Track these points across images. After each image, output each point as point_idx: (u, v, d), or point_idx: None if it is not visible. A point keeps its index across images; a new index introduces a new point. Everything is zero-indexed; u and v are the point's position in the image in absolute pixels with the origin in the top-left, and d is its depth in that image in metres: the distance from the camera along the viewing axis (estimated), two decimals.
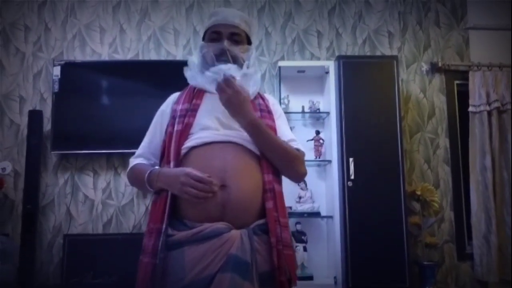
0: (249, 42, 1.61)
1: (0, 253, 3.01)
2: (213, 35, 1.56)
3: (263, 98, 1.60)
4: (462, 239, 3.66)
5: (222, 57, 1.50)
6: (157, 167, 1.49)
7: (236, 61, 1.51)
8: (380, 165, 3.26)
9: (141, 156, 1.58)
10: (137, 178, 1.53)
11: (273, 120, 1.55)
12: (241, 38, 1.56)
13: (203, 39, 1.62)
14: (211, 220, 1.33)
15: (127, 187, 3.55)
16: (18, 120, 3.60)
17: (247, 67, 1.53)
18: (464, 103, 3.77)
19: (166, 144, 1.48)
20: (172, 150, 1.44)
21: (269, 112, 1.56)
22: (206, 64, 1.53)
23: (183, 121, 1.48)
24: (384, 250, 3.14)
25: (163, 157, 1.49)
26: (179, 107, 1.52)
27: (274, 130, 1.53)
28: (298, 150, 1.54)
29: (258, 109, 1.54)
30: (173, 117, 1.51)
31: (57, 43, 3.72)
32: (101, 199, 3.54)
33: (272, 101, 1.64)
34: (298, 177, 1.58)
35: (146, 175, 1.44)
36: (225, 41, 1.52)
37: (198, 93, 1.55)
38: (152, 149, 1.57)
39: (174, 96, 1.62)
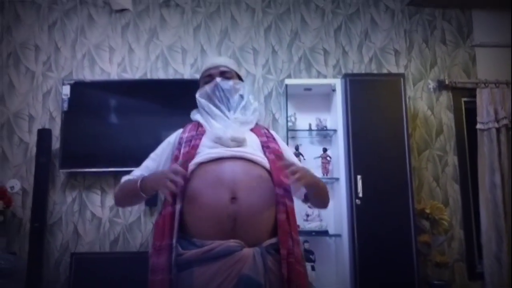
0: (240, 79, 1.74)
1: (7, 271, 3.00)
2: (206, 79, 1.69)
3: (267, 130, 1.70)
4: (472, 258, 3.60)
5: (216, 91, 1.60)
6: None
7: (230, 92, 1.61)
8: (389, 183, 3.23)
9: (132, 176, 1.62)
10: (126, 190, 1.58)
11: (278, 145, 1.62)
12: (231, 75, 1.69)
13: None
14: (222, 236, 1.30)
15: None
16: (27, 138, 3.63)
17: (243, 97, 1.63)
18: (472, 120, 3.75)
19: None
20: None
21: (274, 139, 1.65)
22: (208, 103, 1.61)
23: (190, 144, 1.51)
24: (393, 269, 3.10)
25: None
26: (186, 135, 1.58)
27: (280, 152, 1.58)
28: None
29: (264, 135, 1.62)
30: (179, 143, 1.56)
31: (67, 62, 3.77)
32: (108, 217, 3.54)
33: (276, 135, 1.72)
34: (326, 207, 1.72)
35: (139, 180, 1.49)
36: (217, 78, 1.65)
37: (202, 125, 1.63)
38: (145, 173, 1.59)
39: (180, 130, 1.68)
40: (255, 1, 3.94)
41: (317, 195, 1.61)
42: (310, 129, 3.60)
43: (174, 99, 3.42)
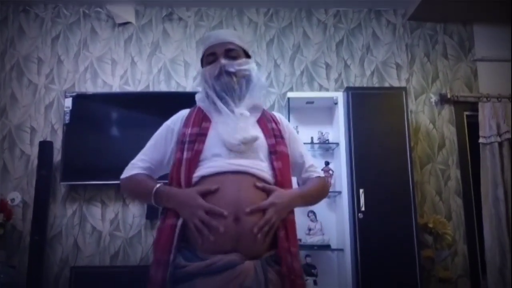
0: (248, 56, 1.61)
1: (6, 285, 2.97)
2: (209, 57, 1.57)
3: (275, 122, 1.59)
4: (476, 273, 3.56)
5: (221, 76, 1.49)
6: (159, 185, 1.45)
7: (236, 77, 1.51)
8: (391, 197, 3.21)
9: (140, 168, 1.55)
10: (137, 190, 1.52)
11: (285, 146, 1.55)
12: (237, 53, 1.56)
13: (202, 66, 1.63)
14: (223, 252, 1.31)
15: (135, 218, 3.53)
16: (28, 151, 3.62)
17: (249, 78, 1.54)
18: (474, 134, 3.74)
19: (175, 170, 1.46)
20: (183, 179, 1.42)
21: (282, 138, 1.55)
22: (211, 92, 1.52)
23: (193, 148, 1.45)
24: (396, 284, 3.06)
25: (171, 183, 1.46)
26: (188, 131, 1.49)
27: (287, 155, 1.53)
28: (319, 177, 1.62)
29: (272, 134, 1.53)
30: (181, 142, 1.48)
31: (69, 75, 3.78)
32: (108, 230, 3.52)
33: (285, 123, 1.63)
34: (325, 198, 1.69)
35: (154, 190, 1.42)
36: (221, 59, 1.52)
37: (206, 116, 1.54)
38: (151, 160, 1.55)
39: (183, 115, 1.59)
40: (258, 15, 3.97)
41: (310, 202, 1.62)
42: (312, 143, 3.60)
43: (176, 112, 3.41)
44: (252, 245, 1.34)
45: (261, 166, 1.45)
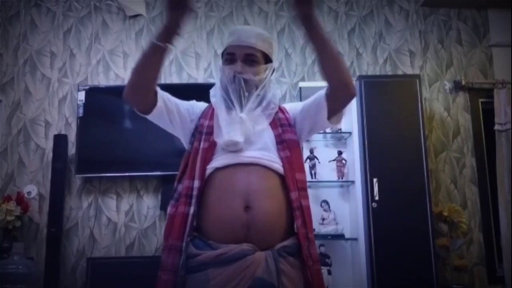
0: (268, 60, 1.55)
1: (25, 276, 3.03)
2: (227, 56, 1.54)
3: (282, 111, 1.58)
4: (492, 261, 3.54)
5: (234, 80, 1.48)
6: None
7: (248, 84, 1.49)
8: (405, 186, 3.19)
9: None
10: (139, 63, 1.56)
11: (294, 134, 1.54)
12: (256, 58, 1.51)
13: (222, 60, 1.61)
14: (235, 242, 1.33)
15: (150, 209, 3.56)
16: (43, 144, 3.67)
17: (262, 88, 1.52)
18: (489, 121, 3.69)
19: (191, 158, 1.47)
20: (198, 168, 1.44)
21: (290, 126, 1.54)
22: (222, 92, 1.54)
23: (209, 139, 1.48)
24: (411, 273, 3.05)
25: (184, 172, 1.48)
26: (206, 122, 1.52)
27: (296, 142, 1.52)
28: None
29: (278, 124, 1.52)
30: (199, 132, 1.51)
31: (82, 68, 3.81)
32: (124, 222, 3.55)
33: (290, 107, 1.62)
34: (347, 89, 1.50)
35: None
36: (238, 63, 1.49)
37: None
38: (171, 98, 1.63)
39: (203, 105, 1.62)
40: (268, 5, 3.94)
41: (326, 56, 1.50)
42: (324, 132, 3.57)
43: None
44: (263, 234, 1.36)
45: (270, 157, 1.46)
